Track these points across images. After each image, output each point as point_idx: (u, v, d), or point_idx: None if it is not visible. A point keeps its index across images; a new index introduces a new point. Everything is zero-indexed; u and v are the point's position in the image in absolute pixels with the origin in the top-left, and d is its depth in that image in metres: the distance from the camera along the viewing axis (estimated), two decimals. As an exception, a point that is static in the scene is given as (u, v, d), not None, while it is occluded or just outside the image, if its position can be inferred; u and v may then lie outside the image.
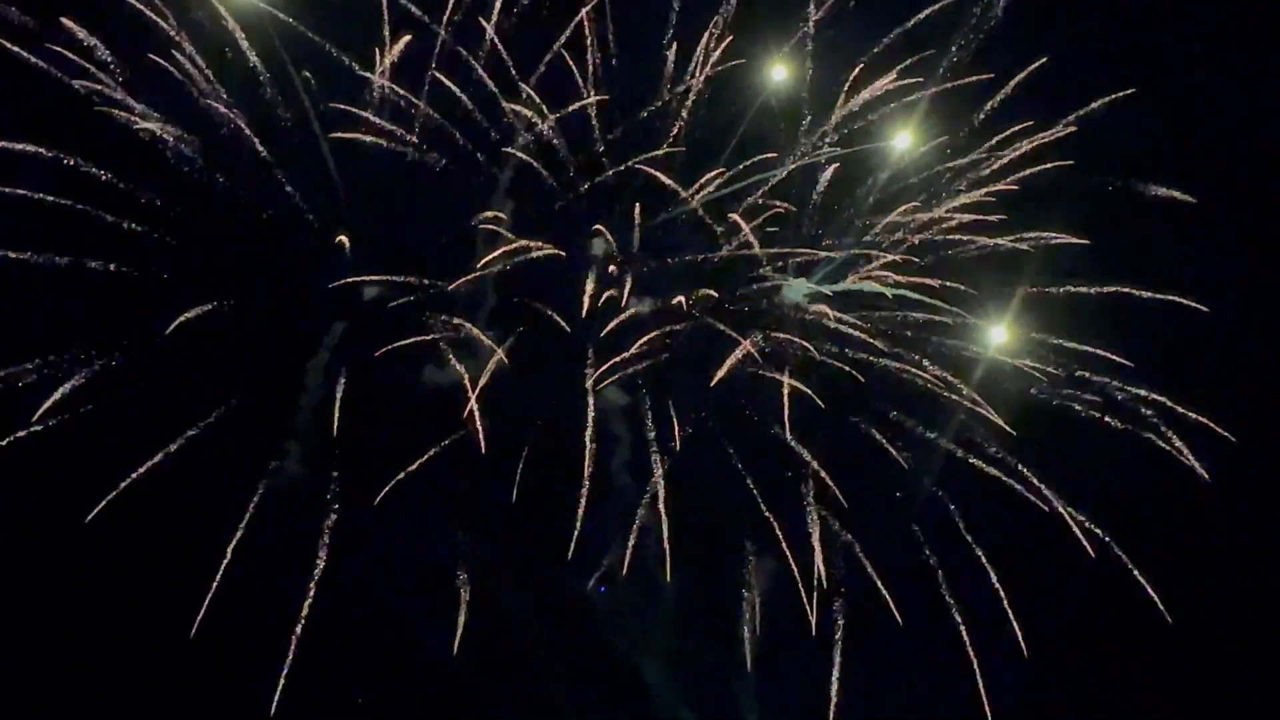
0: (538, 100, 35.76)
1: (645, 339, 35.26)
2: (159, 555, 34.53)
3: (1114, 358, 35.27)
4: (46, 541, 34.06)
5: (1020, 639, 34.69)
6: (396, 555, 35.48)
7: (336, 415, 33.96)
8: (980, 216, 35.65)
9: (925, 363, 35.38)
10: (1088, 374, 35.46)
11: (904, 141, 35.90)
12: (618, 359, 34.90)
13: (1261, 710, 37.95)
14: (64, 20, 33.96)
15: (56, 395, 32.70)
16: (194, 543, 33.66)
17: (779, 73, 36.08)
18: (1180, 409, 34.98)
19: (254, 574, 33.42)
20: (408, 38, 35.15)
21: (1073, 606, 36.57)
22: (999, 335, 35.29)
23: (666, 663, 37.16)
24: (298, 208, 35.65)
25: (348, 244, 35.51)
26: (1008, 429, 34.77)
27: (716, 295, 36.04)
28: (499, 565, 35.26)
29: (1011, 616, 34.67)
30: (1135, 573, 34.77)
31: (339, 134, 35.14)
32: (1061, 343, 35.63)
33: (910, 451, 35.39)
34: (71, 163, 33.53)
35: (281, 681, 33.06)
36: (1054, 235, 35.49)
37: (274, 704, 32.91)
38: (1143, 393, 35.13)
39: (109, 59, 34.25)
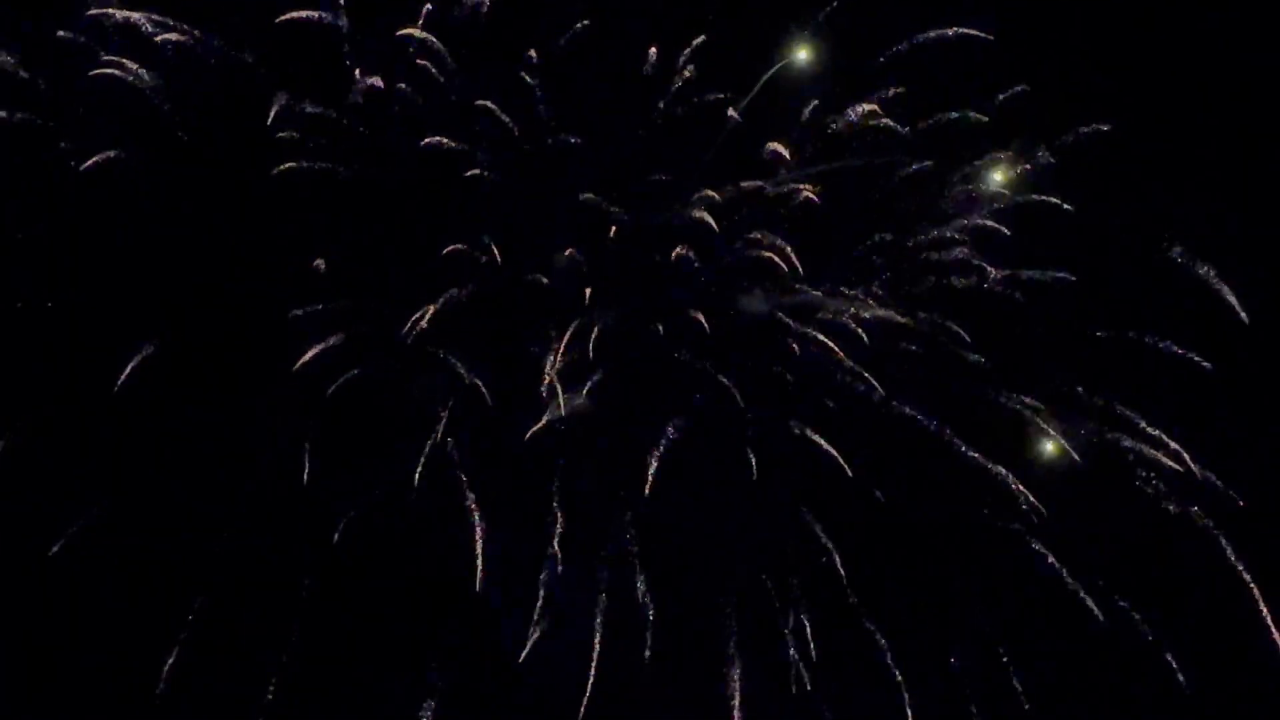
0: (509, 122, 35.28)
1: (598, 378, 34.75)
2: (124, 596, 34.28)
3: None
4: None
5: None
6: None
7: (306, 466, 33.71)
8: (947, 252, 35.15)
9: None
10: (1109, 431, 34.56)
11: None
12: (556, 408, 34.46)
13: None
14: None
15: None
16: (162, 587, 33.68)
17: (801, 56, 35.34)
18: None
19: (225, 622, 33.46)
20: (376, 80, 34.75)
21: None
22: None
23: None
24: (266, 233, 35.24)
25: (323, 266, 34.83)
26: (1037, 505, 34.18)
27: (702, 320, 35.25)
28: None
29: None
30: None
31: (306, 162, 34.61)
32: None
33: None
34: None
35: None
36: (1043, 272, 34.76)
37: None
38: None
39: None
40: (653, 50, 35.33)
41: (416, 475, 33.71)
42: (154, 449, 34.00)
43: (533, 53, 34.91)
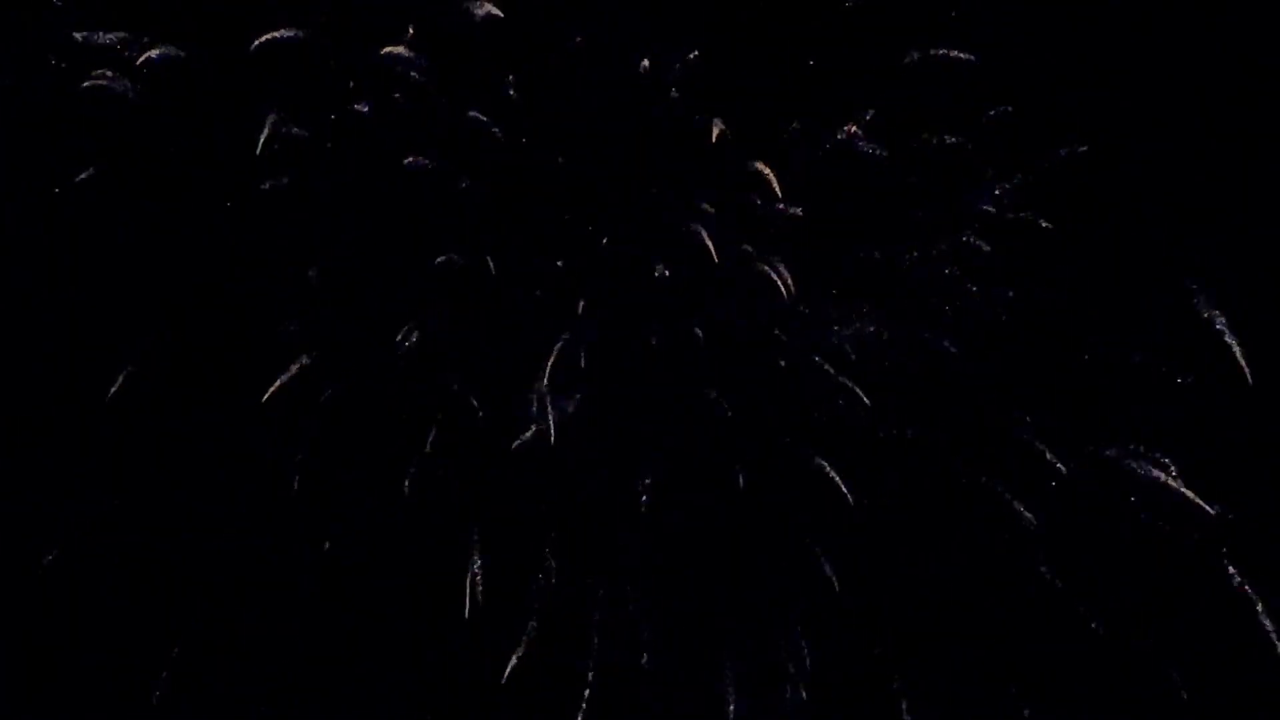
0: (499, 134, 35.23)
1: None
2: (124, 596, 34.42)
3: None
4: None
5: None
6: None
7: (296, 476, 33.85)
8: (934, 269, 34.88)
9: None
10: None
11: None
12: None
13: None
14: None
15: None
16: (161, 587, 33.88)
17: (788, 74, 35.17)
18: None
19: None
20: (363, 106, 34.81)
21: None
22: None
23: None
24: (255, 246, 35.22)
25: (315, 277, 34.82)
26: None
27: (699, 333, 35.25)
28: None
29: None
30: None
31: (294, 178, 34.66)
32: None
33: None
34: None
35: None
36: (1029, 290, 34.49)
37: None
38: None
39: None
40: (645, 63, 35.36)
41: (406, 485, 33.95)
42: (150, 453, 34.17)
43: (521, 68, 35.04)
